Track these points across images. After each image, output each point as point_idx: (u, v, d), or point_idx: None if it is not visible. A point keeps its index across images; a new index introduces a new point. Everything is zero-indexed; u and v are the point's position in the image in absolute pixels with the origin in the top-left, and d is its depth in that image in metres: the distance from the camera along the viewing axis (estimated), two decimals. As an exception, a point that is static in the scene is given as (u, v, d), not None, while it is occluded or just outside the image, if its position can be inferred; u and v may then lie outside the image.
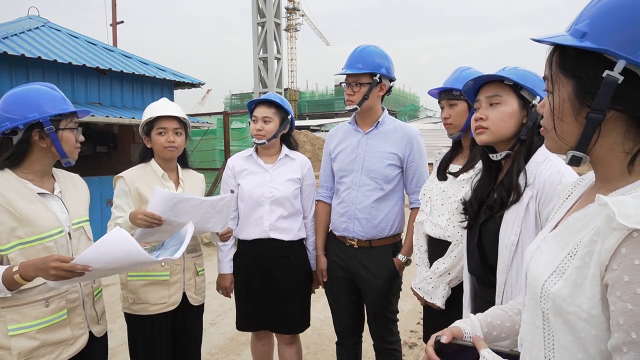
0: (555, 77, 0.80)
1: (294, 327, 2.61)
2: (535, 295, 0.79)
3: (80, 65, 7.28)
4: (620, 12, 0.71)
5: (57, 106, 1.76)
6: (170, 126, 2.27)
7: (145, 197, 2.19)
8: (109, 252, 1.53)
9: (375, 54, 2.42)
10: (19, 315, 1.65)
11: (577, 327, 0.70)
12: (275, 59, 7.44)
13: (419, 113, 40.33)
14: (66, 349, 1.75)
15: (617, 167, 0.75)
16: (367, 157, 2.44)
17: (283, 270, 2.52)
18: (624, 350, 0.63)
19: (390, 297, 2.50)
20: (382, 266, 2.44)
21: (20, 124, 1.70)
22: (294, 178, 2.57)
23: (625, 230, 0.62)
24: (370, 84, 2.37)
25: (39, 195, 1.74)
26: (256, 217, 2.52)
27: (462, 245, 1.98)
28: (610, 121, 0.74)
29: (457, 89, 2.03)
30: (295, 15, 61.74)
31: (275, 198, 2.50)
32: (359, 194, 2.44)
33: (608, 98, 0.71)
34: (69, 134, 1.78)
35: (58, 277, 1.50)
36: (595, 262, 0.66)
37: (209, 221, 2.16)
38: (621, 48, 0.69)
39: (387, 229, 2.45)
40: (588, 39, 0.73)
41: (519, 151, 1.54)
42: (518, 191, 1.48)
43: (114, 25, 16.21)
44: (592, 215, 0.73)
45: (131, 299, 2.21)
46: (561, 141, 0.81)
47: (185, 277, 2.30)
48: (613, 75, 0.70)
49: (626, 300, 0.62)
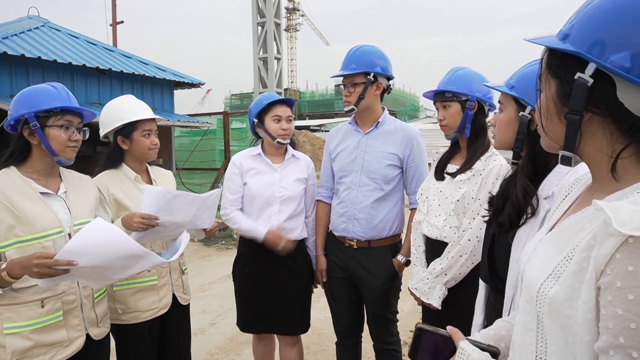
0: (544, 77, 0.82)
1: (296, 327, 2.60)
2: (531, 298, 0.78)
3: (80, 65, 7.29)
4: (598, 16, 0.73)
5: (46, 102, 1.73)
6: (153, 127, 2.23)
7: (123, 203, 2.12)
8: (92, 243, 1.50)
9: (369, 53, 2.41)
10: (14, 314, 1.65)
11: (572, 332, 0.69)
12: (275, 59, 7.42)
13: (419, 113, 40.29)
14: (61, 350, 1.73)
15: (607, 168, 0.76)
16: (367, 157, 2.44)
17: (288, 270, 2.52)
18: (610, 353, 0.63)
19: (389, 298, 2.50)
20: (381, 267, 2.44)
21: (12, 120, 1.73)
22: (301, 178, 2.58)
23: (621, 236, 0.62)
24: (365, 83, 2.37)
25: (41, 195, 1.74)
26: (265, 216, 2.50)
27: (459, 246, 1.98)
28: (594, 122, 0.75)
29: (450, 91, 2.03)
30: (295, 15, 61.75)
31: (285, 198, 2.50)
32: (358, 194, 2.44)
33: (582, 100, 0.73)
34: (56, 132, 1.74)
35: (42, 275, 1.49)
36: (591, 267, 0.67)
37: (199, 217, 2.16)
38: (593, 51, 0.71)
39: (386, 229, 2.44)
40: (569, 41, 0.75)
41: (523, 165, 1.46)
42: (532, 209, 1.39)
43: (114, 25, 16.21)
44: (589, 219, 0.73)
45: (120, 309, 2.13)
46: (550, 140, 0.83)
47: (173, 278, 2.27)
48: (584, 77, 0.72)
49: (617, 306, 0.63)
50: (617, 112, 0.72)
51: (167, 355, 2.34)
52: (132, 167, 2.22)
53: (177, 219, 2.06)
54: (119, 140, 2.18)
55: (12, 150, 1.75)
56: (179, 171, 9.57)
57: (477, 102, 2.02)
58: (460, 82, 2.03)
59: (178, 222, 2.08)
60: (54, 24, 8.62)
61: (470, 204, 1.99)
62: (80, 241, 1.50)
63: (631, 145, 0.72)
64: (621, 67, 0.69)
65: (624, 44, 0.69)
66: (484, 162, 2.00)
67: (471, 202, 1.99)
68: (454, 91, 2.02)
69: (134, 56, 9.11)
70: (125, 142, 2.18)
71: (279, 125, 2.50)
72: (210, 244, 7.64)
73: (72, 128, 1.79)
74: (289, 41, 61.46)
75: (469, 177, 2.00)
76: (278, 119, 2.51)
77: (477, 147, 2.04)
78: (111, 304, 2.14)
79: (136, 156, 2.22)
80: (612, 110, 0.72)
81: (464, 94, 2.01)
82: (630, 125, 0.71)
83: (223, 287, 5.25)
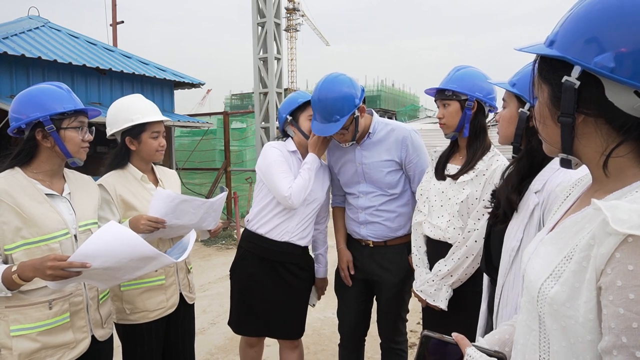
0: (537, 83, 0.84)
1: (293, 332, 2.57)
2: (532, 298, 0.79)
3: (80, 65, 7.28)
4: (580, 21, 0.75)
5: (59, 105, 1.73)
6: (161, 129, 2.23)
7: (130, 204, 2.12)
8: (106, 245, 1.52)
9: (341, 96, 2.24)
10: (22, 316, 1.65)
11: (573, 332, 0.70)
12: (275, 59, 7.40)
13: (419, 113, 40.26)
14: (67, 352, 1.74)
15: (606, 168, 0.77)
16: (367, 169, 2.43)
17: (292, 275, 2.48)
18: (614, 353, 0.64)
19: (404, 295, 2.51)
20: (398, 264, 2.45)
21: (23, 124, 1.71)
22: (326, 184, 2.58)
23: (620, 235, 0.63)
24: (353, 120, 2.30)
25: (46, 196, 1.73)
26: (285, 217, 2.43)
27: (465, 247, 1.97)
28: (588, 124, 0.76)
29: (450, 89, 2.03)
30: (295, 15, 61.77)
31: (312, 201, 2.48)
32: (366, 201, 2.45)
33: (572, 102, 0.75)
34: (72, 133, 1.75)
35: (55, 277, 1.49)
36: (592, 266, 0.67)
37: (205, 220, 2.18)
38: (578, 55, 0.73)
39: (399, 229, 2.46)
40: (555, 47, 0.78)
41: (520, 161, 1.50)
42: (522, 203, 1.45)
43: (114, 25, 16.20)
44: (589, 219, 0.73)
45: (128, 309, 2.14)
46: (549, 144, 0.85)
47: (180, 278, 2.28)
48: (571, 80, 0.74)
49: (618, 305, 0.63)
50: (609, 112, 0.73)
51: (173, 354, 2.35)
52: (138, 167, 2.22)
53: (184, 221, 2.08)
54: (127, 141, 2.17)
55: (19, 152, 1.73)
56: (179, 171, 9.53)
57: (476, 102, 2.01)
58: (460, 81, 2.03)
59: (184, 225, 2.10)
60: (54, 24, 8.61)
61: (475, 204, 1.99)
62: (94, 244, 1.50)
63: (626, 142, 0.74)
64: (605, 67, 0.70)
65: (606, 45, 0.71)
66: (487, 162, 2.01)
67: (475, 202, 1.99)
68: (454, 90, 2.02)
69: (134, 56, 9.10)
70: (133, 142, 2.17)
71: None
72: (210, 244, 7.64)
73: (85, 129, 1.81)
74: (289, 41, 61.48)
75: (472, 177, 2.00)
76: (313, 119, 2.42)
77: (476, 148, 2.04)
78: (119, 304, 2.15)
79: (143, 157, 2.22)
80: (603, 110, 0.74)
81: (463, 93, 2.01)
82: (622, 123, 0.73)
83: (223, 287, 5.25)
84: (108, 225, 1.56)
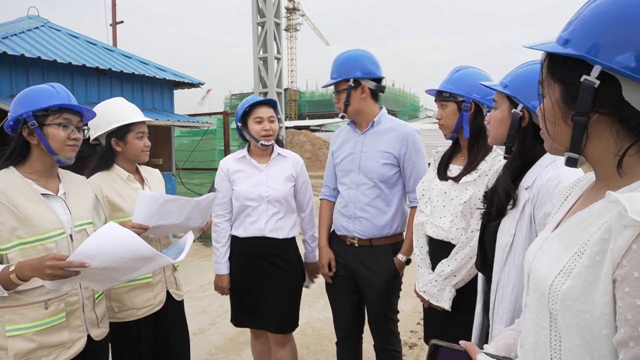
0: (546, 82, 0.84)
1: (284, 325, 2.61)
2: (542, 296, 0.79)
3: (80, 65, 7.28)
4: (598, 19, 0.75)
5: (44, 101, 1.72)
6: (145, 130, 2.27)
7: (117, 204, 2.15)
8: (106, 245, 1.52)
9: (350, 59, 2.45)
10: (17, 316, 1.64)
11: (588, 327, 0.70)
12: (275, 58, 7.39)
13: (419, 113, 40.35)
14: (63, 352, 1.73)
15: (614, 167, 0.77)
16: (364, 157, 2.46)
17: (276, 268, 2.55)
18: (630, 345, 0.63)
19: (390, 297, 2.51)
20: (383, 265, 2.45)
21: (11, 121, 1.72)
22: (289, 176, 2.60)
23: (638, 226, 0.63)
24: (347, 90, 2.42)
25: (42, 196, 1.73)
26: (253, 216, 2.54)
27: (469, 248, 1.97)
28: (600, 123, 0.76)
29: (447, 91, 2.04)
30: (295, 15, 61.78)
31: (272, 197, 2.53)
32: (358, 193, 2.46)
33: (588, 101, 0.74)
34: (55, 130, 1.73)
35: (54, 277, 1.49)
36: (608, 260, 0.67)
37: (191, 219, 2.20)
38: (597, 54, 0.73)
39: (387, 228, 2.45)
40: (570, 46, 0.77)
41: (512, 159, 1.53)
42: (513, 201, 1.48)
43: (113, 25, 16.21)
44: (598, 214, 0.73)
45: (116, 307, 2.16)
46: (556, 143, 0.84)
47: (166, 275, 2.31)
48: (590, 79, 0.74)
49: (635, 296, 0.63)
50: (624, 112, 0.73)
51: (164, 352, 2.35)
52: (124, 168, 2.25)
53: (170, 221, 2.11)
54: (112, 142, 2.21)
55: (12, 151, 1.74)
56: (178, 171, 9.56)
57: (473, 103, 2.01)
58: (458, 82, 2.03)
59: (170, 225, 2.15)
60: (53, 24, 8.60)
61: (478, 205, 1.98)
62: (93, 243, 1.51)
63: (638, 142, 0.74)
64: (627, 67, 0.70)
65: (628, 44, 0.71)
66: (490, 162, 2.00)
67: (478, 203, 1.98)
68: (451, 91, 2.03)
69: (134, 56, 9.10)
70: (119, 144, 2.22)
71: (261, 126, 2.53)
72: (210, 244, 7.64)
73: (71, 126, 1.78)
74: (289, 41, 61.50)
75: (474, 178, 1.99)
76: (260, 121, 2.53)
77: (478, 149, 2.04)
78: (107, 302, 2.15)
79: (129, 157, 2.26)
80: (619, 110, 0.73)
81: (460, 94, 2.01)
82: (637, 123, 0.73)
83: (223, 287, 5.24)
84: (107, 226, 1.56)
